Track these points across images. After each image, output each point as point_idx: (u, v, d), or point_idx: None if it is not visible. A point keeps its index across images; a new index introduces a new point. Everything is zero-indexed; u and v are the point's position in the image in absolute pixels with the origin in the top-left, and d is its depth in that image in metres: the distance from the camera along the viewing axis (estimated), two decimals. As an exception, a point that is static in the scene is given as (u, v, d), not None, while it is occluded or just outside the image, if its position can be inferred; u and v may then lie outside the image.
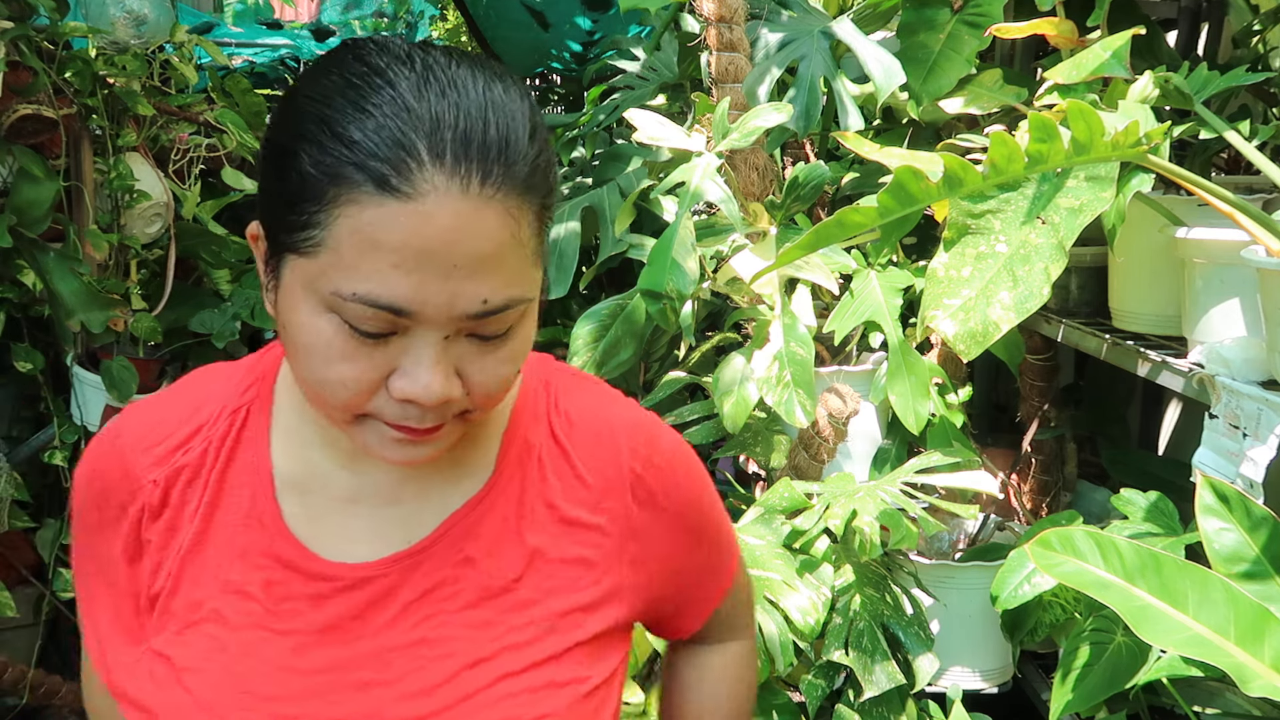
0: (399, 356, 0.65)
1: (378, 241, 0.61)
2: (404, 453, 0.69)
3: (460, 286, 0.63)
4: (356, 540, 0.75)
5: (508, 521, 0.76)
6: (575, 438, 0.80)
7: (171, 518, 0.77)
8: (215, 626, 0.74)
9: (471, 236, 0.62)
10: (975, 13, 1.61)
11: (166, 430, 0.79)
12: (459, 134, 0.62)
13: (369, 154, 0.61)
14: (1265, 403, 1.14)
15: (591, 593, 0.77)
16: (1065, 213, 1.18)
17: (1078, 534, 0.99)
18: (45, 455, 2.17)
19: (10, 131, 2.02)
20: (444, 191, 0.61)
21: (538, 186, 0.66)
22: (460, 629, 0.74)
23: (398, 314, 0.62)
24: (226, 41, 4.72)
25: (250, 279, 2.56)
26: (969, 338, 1.21)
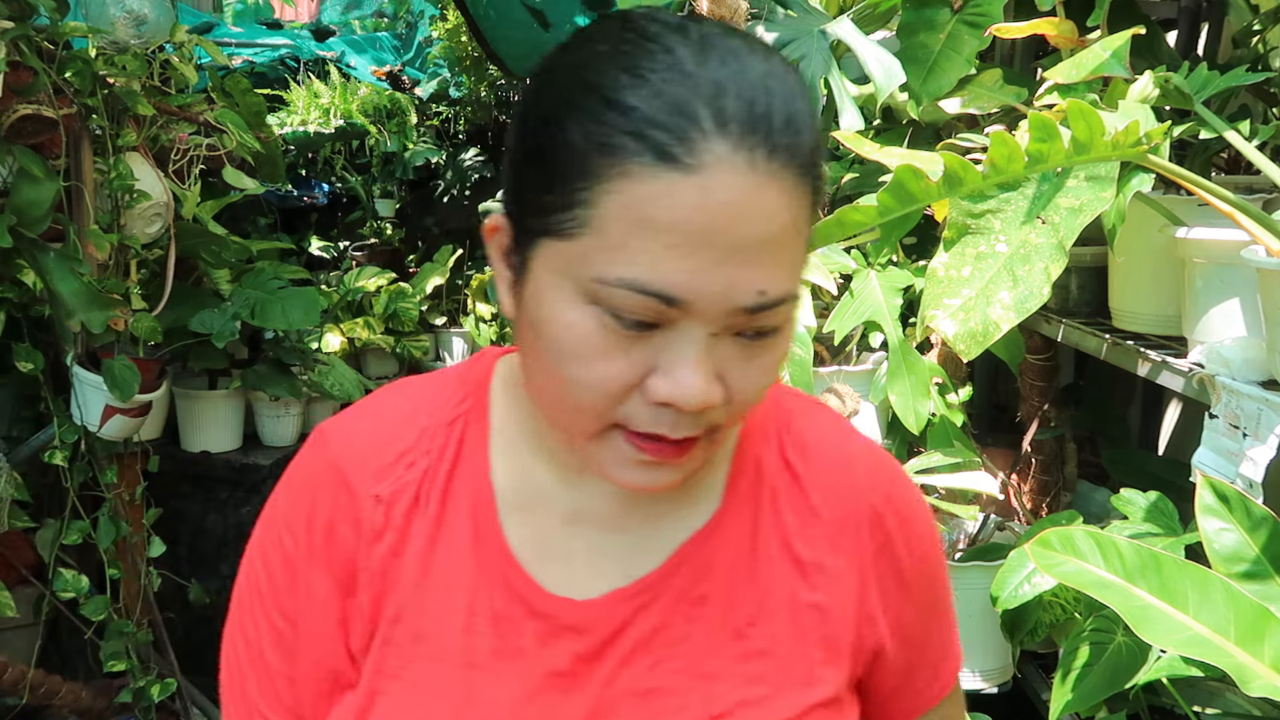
0: (659, 354, 0.58)
1: (652, 219, 0.54)
2: (644, 476, 0.62)
3: (738, 274, 0.56)
4: (579, 569, 0.69)
5: (741, 557, 0.69)
6: (810, 465, 0.72)
7: (395, 541, 0.69)
8: (442, 665, 0.67)
9: (754, 217, 0.55)
10: (975, 13, 1.61)
11: (382, 442, 0.71)
12: (744, 103, 0.56)
13: (647, 121, 0.55)
14: (1265, 403, 1.13)
15: (825, 646, 0.69)
16: (1065, 212, 1.18)
17: (1078, 534, 0.99)
18: (45, 455, 2.16)
19: (10, 131, 2.02)
20: (728, 164, 0.54)
21: (817, 171, 0.60)
22: (692, 679, 0.67)
23: (668, 303, 0.56)
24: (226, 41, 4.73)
25: (250, 279, 2.56)
26: (969, 338, 1.21)
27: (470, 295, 5.08)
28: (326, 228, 5.62)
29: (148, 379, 2.20)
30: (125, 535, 2.23)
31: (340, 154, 5.40)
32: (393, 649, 0.68)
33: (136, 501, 2.32)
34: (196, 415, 2.79)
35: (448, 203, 5.53)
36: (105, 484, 2.23)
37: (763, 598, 0.68)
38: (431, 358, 5.03)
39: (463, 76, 5.28)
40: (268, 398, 2.82)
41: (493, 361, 0.75)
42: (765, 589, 0.68)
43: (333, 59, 5.10)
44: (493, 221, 0.65)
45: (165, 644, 2.40)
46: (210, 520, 2.78)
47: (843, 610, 0.69)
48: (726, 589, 0.68)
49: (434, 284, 5.00)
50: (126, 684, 2.26)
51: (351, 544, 0.69)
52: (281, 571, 0.71)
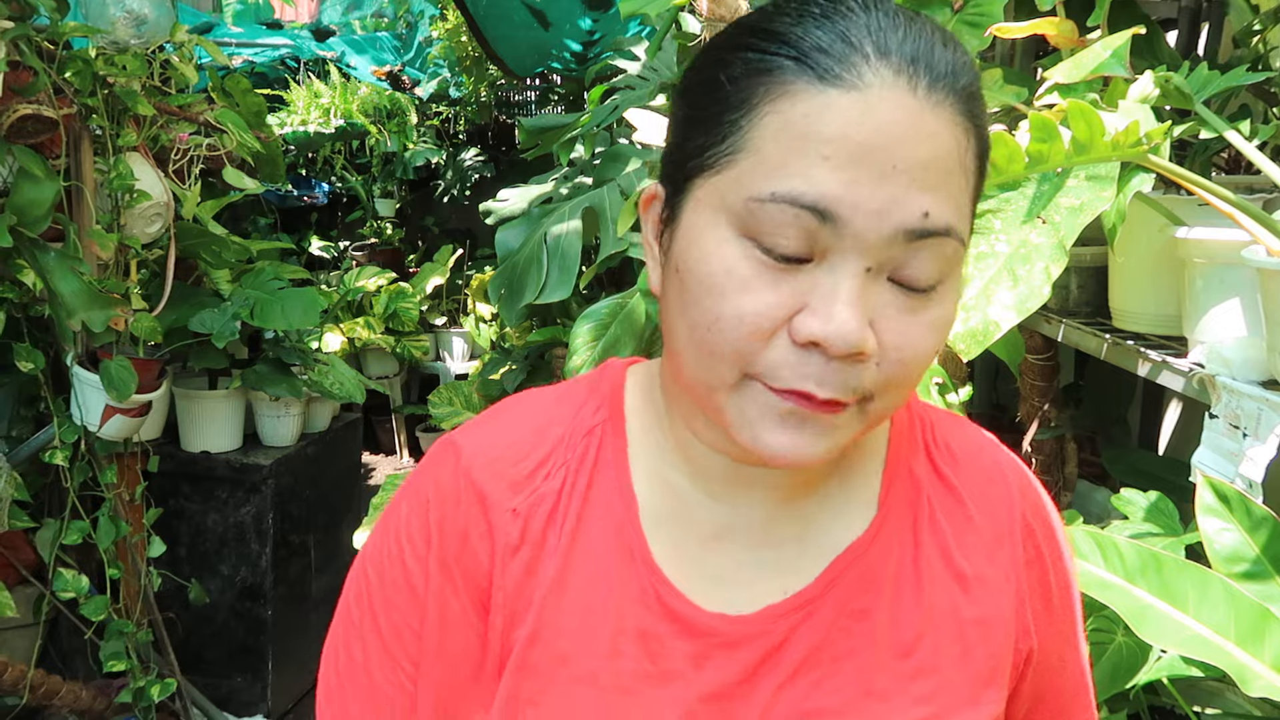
0: (810, 293, 0.54)
1: (811, 132, 0.53)
2: (789, 438, 0.56)
3: (899, 192, 0.53)
4: (730, 585, 0.65)
5: (904, 569, 0.66)
6: (962, 474, 0.69)
7: (531, 556, 0.65)
8: (587, 687, 0.63)
9: (917, 137, 0.53)
10: (975, 12, 1.61)
11: (518, 453, 0.67)
12: (908, 43, 0.55)
13: (811, 47, 0.54)
14: (1265, 403, 1.13)
15: (988, 663, 0.65)
16: (1065, 212, 1.18)
17: (1078, 534, 0.99)
18: (45, 455, 2.17)
19: (10, 131, 2.02)
20: (891, 85, 0.53)
21: (980, 117, 0.58)
22: (857, 698, 0.63)
23: (823, 217, 0.53)
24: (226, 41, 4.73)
25: (250, 279, 2.56)
26: (969, 337, 1.21)
27: (470, 295, 5.08)
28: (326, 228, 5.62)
29: (147, 379, 2.20)
30: (125, 535, 2.23)
31: (340, 154, 5.41)
32: (530, 673, 0.64)
33: (136, 501, 2.32)
34: (196, 415, 2.79)
35: (448, 203, 5.53)
36: (105, 484, 2.23)
37: (929, 612, 0.65)
38: (432, 358, 5.04)
39: (463, 76, 5.28)
40: (268, 398, 2.82)
41: (623, 371, 0.72)
42: (930, 603, 0.65)
43: (333, 59, 5.10)
44: (649, 190, 0.63)
45: (165, 644, 2.40)
46: (210, 520, 2.78)
47: (1004, 626, 0.66)
48: (890, 603, 0.65)
49: (434, 284, 5.00)
50: (126, 684, 2.26)
51: (487, 559, 0.65)
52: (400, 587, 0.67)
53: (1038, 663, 0.68)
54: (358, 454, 3.36)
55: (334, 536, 3.10)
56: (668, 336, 0.61)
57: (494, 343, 4.77)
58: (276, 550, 2.79)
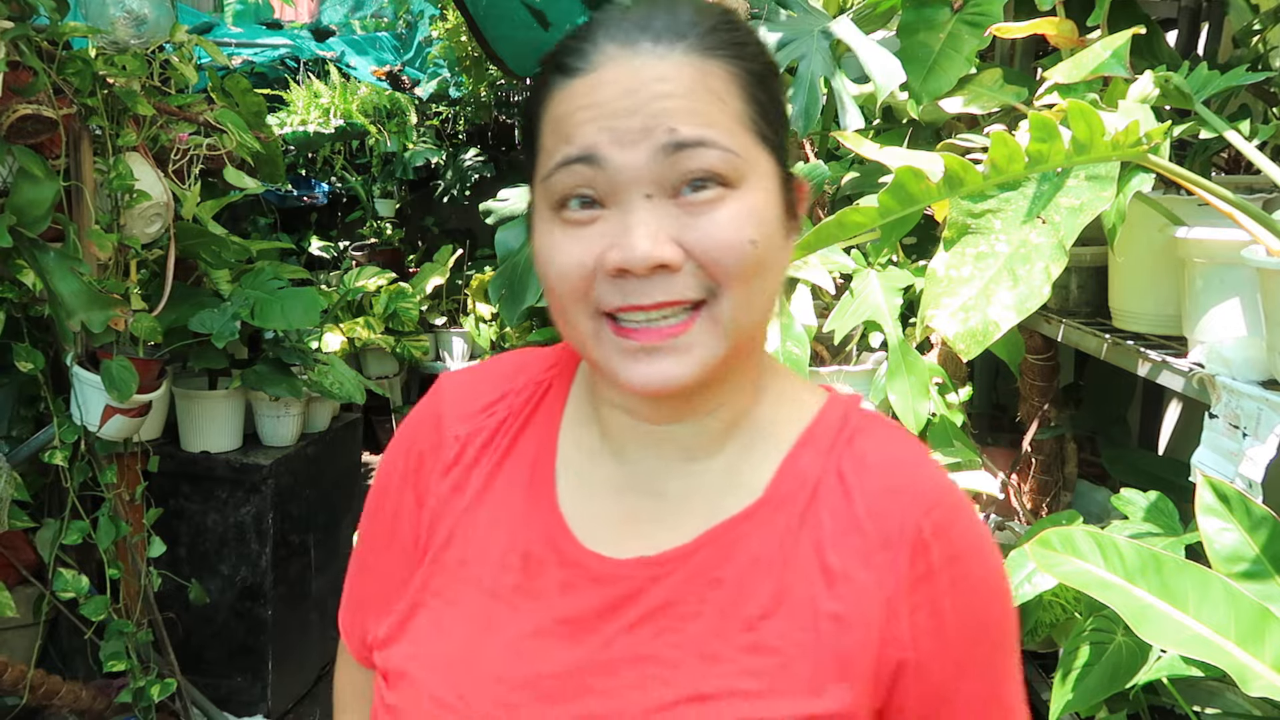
0: (608, 234, 0.66)
1: (569, 114, 0.66)
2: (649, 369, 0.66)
3: (645, 121, 0.65)
4: (612, 531, 0.73)
5: (767, 551, 0.70)
6: (865, 481, 0.71)
7: (460, 476, 0.79)
8: (474, 588, 0.74)
9: (654, 76, 0.65)
10: (975, 12, 1.61)
11: (479, 395, 0.82)
12: (632, 20, 0.68)
13: (558, 54, 0.68)
14: (1265, 402, 1.13)
15: (837, 659, 0.67)
16: (1065, 212, 1.18)
17: (1078, 534, 0.99)
18: (45, 455, 2.17)
19: (10, 131, 2.02)
20: (617, 57, 0.66)
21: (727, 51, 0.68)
22: (691, 655, 0.68)
23: (592, 162, 0.65)
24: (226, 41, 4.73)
25: (250, 279, 2.56)
26: (969, 337, 1.21)
27: (470, 295, 5.08)
28: (326, 228, 5.62)
29: (147, 379, 2.20)
30: (125, 535, 2.23)
31: (340, 154, 5.40)
32: (439, 568, 0.76)
33: (136, 501, 2.32)
34: (196, 415, 2.79)
35: (448, 203, 5.53)
36: (105, 484, 2.23)
37: (782, 596, 0.68)
38: (431, 358, 5.03)
39: (463, 76, 5.28)
40: (268, 398, 2.82)
41: None
42: (786, 588, 0.68)
43: (333, 59, 5.10)
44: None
45: (165, 644, 2.40)
46: (210, 520, 2.78)
47: (865, 627, 0.67)
48: (744, 578, 0.69)
49: (434, 284, 5.00)
50: (126, 684, 2.26)
51: (429, 474, 0.80)
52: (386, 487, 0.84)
53: (923, 684, 0.68)
54: (358, 454, 3.36)
55: (334, 536, 3.10)
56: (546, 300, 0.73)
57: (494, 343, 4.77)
58: (276, 550, 2.79)
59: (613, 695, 0.68)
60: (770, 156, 0.69)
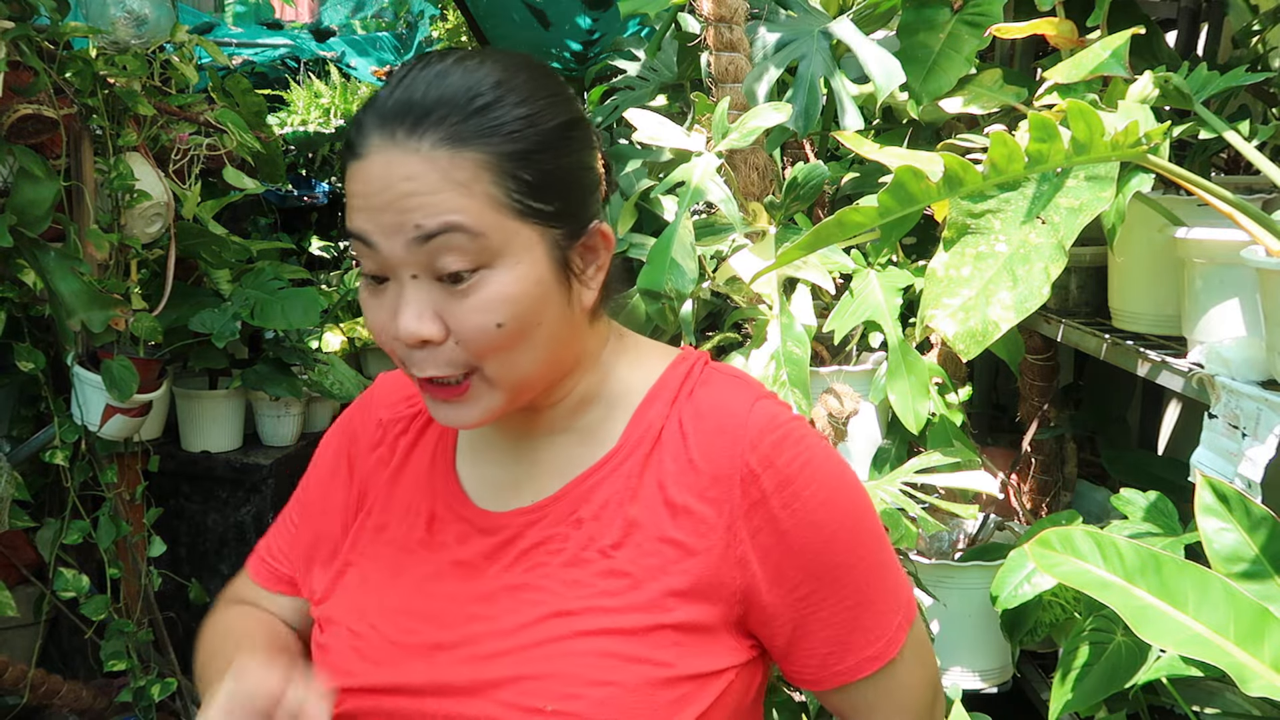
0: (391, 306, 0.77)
1: (351, 193, 0.76)
2: (444, 414, 0.80)
3: (399, 216, 0.74)
4: (499, 493, 0.87)
5: (617, 493, 0.82)
6: (699, 426, 0.83)
7: (384, 453, 0.94)
8: (390, 547, 0.89)
9: (402, 175, 0.74)
10: (975, 13, 1.61)
11: (404, 386, 0.97)
12: (396, 103, 0.75)
13: (350, 128, 0.78)
14: (1265, 403, 1.14)
15: (685, 579, 0.79)
16: (1065, 212, 1.18)
17: (1078, 534, 0.99)
18: (45, 455, 2.17)
19: (10, 131, 2.02)
20: (379, 145, 0.75)
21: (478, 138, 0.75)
22: (556, 582, 0.81)
23: (365, 242, 0.75)
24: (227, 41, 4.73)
25: (250, 279, 2.56)
26: (969, 337, 1.21)
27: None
28: (326, 228, 5.61)
29: (148, 379, 2.20)
30: (125, 535, 2.23)
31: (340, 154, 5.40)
32: (364, 533, 0.92)
33: (137, 501, 2.32)
34: (196, 415, 2.79)
35: (448, 203, 5.52)
36: (105, 484, 2.23)
37: (631, 529, 0.81)
38: (431, 358, 5.02)
39: (463, 76, 5.27)
40: (268, 398, 2.82)
41: None
42: (635, 522, 0.81)
43: (333, 59, 5.10)
44: None
45: (165, 643, 2.40)
46: (210, 520, 2.78)
47: (706, 551, 0.80)
48: (599, 514, 0.82)
49: (434, 284, 4.99)
50: (126, 683, 2.26)
51: (360, 449, 0.97)
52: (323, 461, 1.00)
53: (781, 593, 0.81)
54: (358, 454, 3.35)
55: (334, 536, 3.09)
56: None
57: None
58: (276, 550, 2.79)
59: (492, 618, 0.81)
60: (535, 227, 0.77)
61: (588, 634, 0.78)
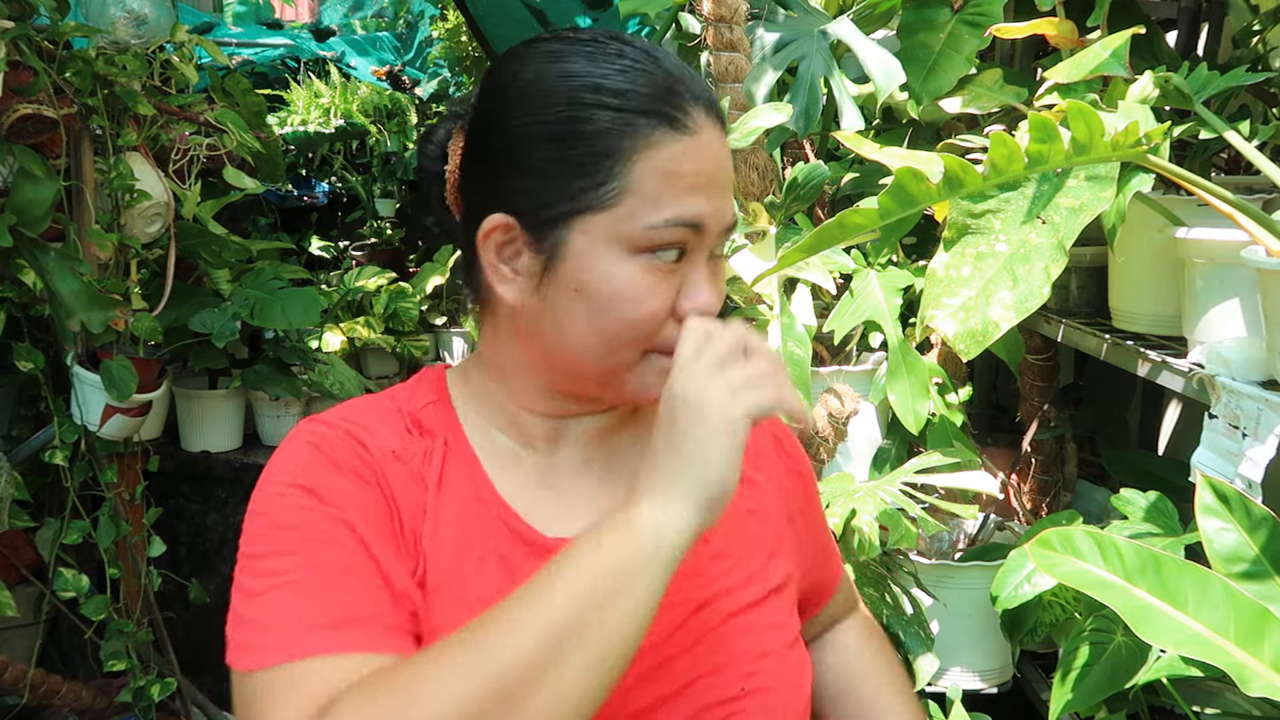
0: (682, 282, 0.76)
1: (678, 172, 0.73)
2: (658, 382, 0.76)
3: (724, 201, 0.76)
4: (563, 513, 0.81)
5: None
6: None
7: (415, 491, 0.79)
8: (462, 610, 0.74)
9: (722, 160, 0.76)
10: (975, 13, 1.61)
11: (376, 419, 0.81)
12: (694, 80, 0.76)
13: (651, 100, 0.73)
14: (1265, 403, 1.13)
15: (768, 542, 0.89)
16: (1065, 213, 1.18)
17: (1078, 534, 0.99)
18: (45, 454, 2.16)
19: (10, 131, 2.02)
20: (708, 125, 0.75)
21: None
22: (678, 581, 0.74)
23: (696, 229, 0.74)
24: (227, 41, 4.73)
25: (250, 279, 2.56)
26: (969, 337, 1.21)
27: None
28: (326, 228, 5.61)
29: (147, 379, 2.20)
30: (125, 535, 2.23)
31: (340, 154, 5.40)
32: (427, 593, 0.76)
33: (136, 501, 2.32)
34: (196, 415, 2.79)
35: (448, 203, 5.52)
36: (105, 483, 2.23)
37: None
38: (431, 357, 5.03)
39: (463, 76, 5.27)
40: (268, 398, 2.82)
41: (442, 370, 0.89)
42: None
43: (333, 59, 5.10)
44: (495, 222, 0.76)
45: (165, 643, 2.40)
46: (210, 520, 2.78)
47: (774, 512, 0.91)
48: None
49: (434, 284, 4.99)
50: (126, 683, 2.26)
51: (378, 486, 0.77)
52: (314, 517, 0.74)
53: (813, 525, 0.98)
54: (358, 454, 3.35)
55: (334, 536, 3.09)
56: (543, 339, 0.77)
57: (494, 343, 4.75)
58: (276, 550, 2.79)
59: None
60: None
61: (732, 615, 0.83)
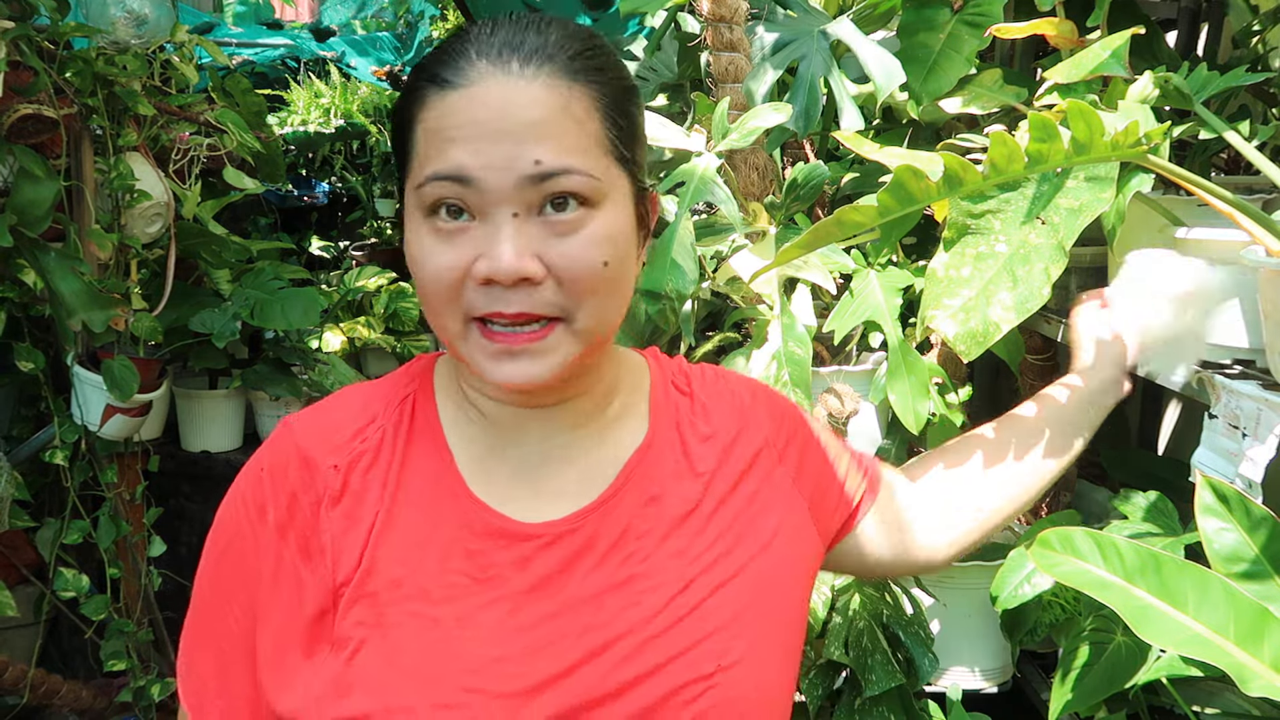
0: (479, 244, 0.72)
1: (442, 128, 0.71)
2: (511, 369, 0.73)
3: (514, 149, 0.70)
4: (541, 503, 0.80)
5: (677, 459, 0.84)
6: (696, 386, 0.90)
7: (351, 505, 0.78)
8: (422, 603, 0.75)
9: (518, 105, 0.70)
10: (975, 13, 1.61)
11: (338, 424, 0.82)
12: (502, 39, 0.73)
13: (433, 64, 0.73)
14: (1265, 403, 1.13)
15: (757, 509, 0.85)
16: (1065, 213, 1.18)
17: (1078, 534, 0.99)
18: (45, 454, 2.17)
19: (11, 131, 2.03)
20: (489, 75, 0.71)
21: (589, 76, 0.74)
22: (660, 560, 0.79)
23: (463, 182, 0.71)
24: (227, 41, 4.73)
25: (250, 279, 2.56)
26: (969, 338, 1.21)
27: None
28: (326, 228, 5.61)
29: (148, 379, 2.20)
30: (125, 535, 2.24)
31: (340, 154, 5.40)
32: (367, 601, 0.75)
33: (137, 501, 2.32)
34: (196, 415, 2.79)
35: (448, 203, 5.52)
36: (105, 483, 2.23)
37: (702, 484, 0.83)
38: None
39: (463, 76, 5.27)
40: (268, 397, 2.82)
41: (433, 357, 0.89)
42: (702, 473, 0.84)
43: (333, 59, 5.10)
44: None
45: (165, 643, 2.40)
46: (210, 520, 2.77)
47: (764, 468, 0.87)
48: (672, 486, 0.83)
49: (434, 284, 4.98)
50: (126, 683, 2.26)
51: (311, 512, 0.78)
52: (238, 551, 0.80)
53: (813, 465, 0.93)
54: (358, 454, 3.35)
55: (334, 536, 3.09)
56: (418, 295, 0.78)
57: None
58: (276, 550, 2.79)
59: (609, 622, 0.76)
60: (626, 175, 0.77)
61: (720, 585, 0.80)
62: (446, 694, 0.71)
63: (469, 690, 0.72)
